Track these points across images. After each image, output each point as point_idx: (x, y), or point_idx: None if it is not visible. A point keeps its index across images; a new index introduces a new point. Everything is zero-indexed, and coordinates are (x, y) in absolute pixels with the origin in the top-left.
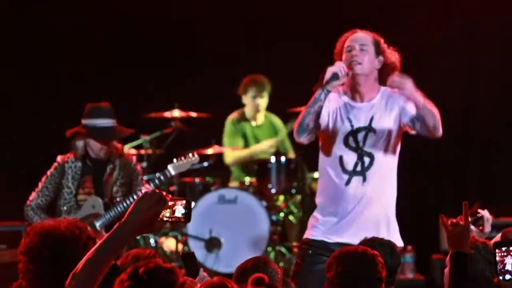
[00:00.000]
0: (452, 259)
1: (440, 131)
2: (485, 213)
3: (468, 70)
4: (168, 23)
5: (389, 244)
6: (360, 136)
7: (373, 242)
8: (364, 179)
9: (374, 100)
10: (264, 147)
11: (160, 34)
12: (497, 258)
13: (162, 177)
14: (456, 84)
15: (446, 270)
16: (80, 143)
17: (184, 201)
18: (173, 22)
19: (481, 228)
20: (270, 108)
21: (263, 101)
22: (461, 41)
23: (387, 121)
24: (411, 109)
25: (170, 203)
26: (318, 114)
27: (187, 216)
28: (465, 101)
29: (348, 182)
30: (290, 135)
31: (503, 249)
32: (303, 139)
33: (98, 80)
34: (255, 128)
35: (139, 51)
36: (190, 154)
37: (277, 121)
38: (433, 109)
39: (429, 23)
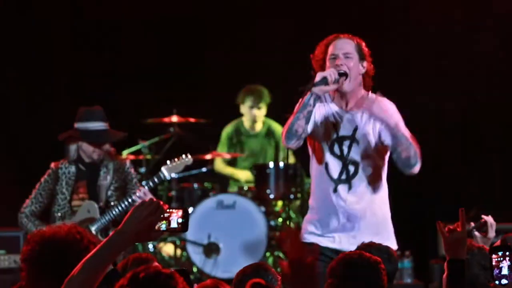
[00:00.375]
0: (448, 266)
1: (415, 169)
2: (489, 218)
3: (468, 71)
4: (168, 29)
5: (386, 250)
6: (345, 145)
7: (370, 247)
8: (350, 188)
9: (359, 108)
10: (240, 176)
11: (160, 40)
12: (494, 263)
13: (156, 179)
14: (456, 87)
15: (445, 275)
16: (72, 147)
17: (180, 211)
18: (173, 27)
19: (485, 233)
20: (270, 114)
21: (260, 112)
22: (463, 41)
23: (370, 133)
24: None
25: (166, 214)
26: (307, 120)
27: (184, 225)
28: (465, 104)
29: (335, 190)
30: None
31: (499, 253)
32: (292, 145)
33: (96, 85)
34: (251, 137)
35: (138, 56)
36: (184, 155)
37: (276, 127)
38: (413, 141)
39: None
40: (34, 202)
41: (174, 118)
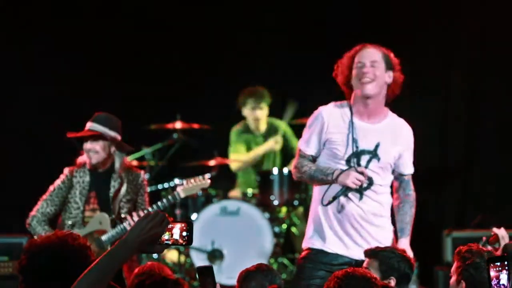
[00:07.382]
0: None
1: None
2: (500, 231)
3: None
4: (170, 36)
5: (399, 251)
6: (364, 159)
7: (383, 249)
8: (361, 197)
9: (381, 123)
10: (265, 147)
11: (163, 46)
12: (492, 273)
13: (171, 199)
14: (460, 97)
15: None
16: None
17: (184, 224)
18: (174, 34)
19: (497, 247)
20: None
21: (262, 112)
22: (466, 43)
23: (391, 152)
24: (404, 165)
25: (170, 226)
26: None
27: (188, 239)
28: (469, 115)
29: (345, 196)
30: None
31: (498, 264)
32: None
33: (100, 91)
34: (258, 138)
35: (141, 62)
36: (201, 177)
37: (278, 123)
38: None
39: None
40: (50, 204)
41: (178, 124)
